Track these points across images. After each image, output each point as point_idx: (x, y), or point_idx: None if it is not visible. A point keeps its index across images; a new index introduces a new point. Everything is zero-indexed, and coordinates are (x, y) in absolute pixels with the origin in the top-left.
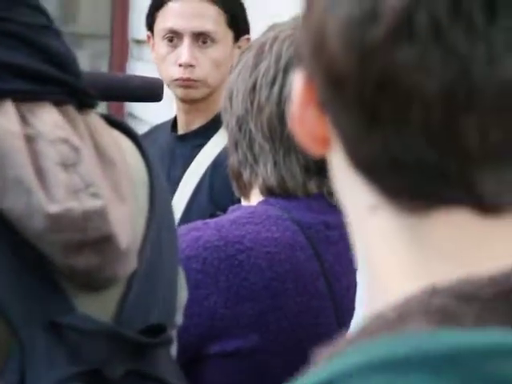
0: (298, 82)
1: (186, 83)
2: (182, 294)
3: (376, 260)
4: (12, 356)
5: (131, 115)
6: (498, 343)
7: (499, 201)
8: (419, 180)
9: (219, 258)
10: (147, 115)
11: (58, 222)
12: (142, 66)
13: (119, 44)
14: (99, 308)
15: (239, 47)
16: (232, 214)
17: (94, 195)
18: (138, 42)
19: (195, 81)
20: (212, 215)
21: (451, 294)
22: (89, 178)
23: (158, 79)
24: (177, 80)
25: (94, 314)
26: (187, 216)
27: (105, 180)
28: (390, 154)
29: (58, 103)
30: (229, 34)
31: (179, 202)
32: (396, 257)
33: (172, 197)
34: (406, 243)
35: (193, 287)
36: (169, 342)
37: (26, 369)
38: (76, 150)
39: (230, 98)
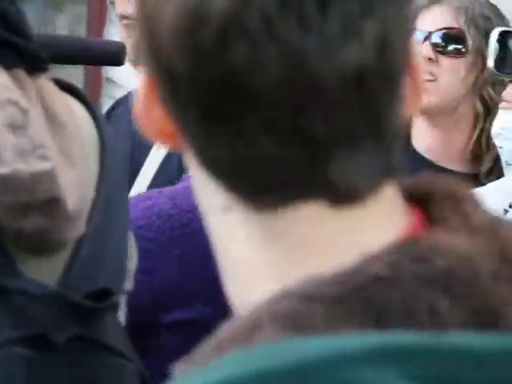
0: (142, 78)
1: None
2: (132, 260)
3: (234, 258)
4: None
5: (109, 80)
6: (343, 350)
7: (353, 186)
8: (268, 176)
9: (172, 227)
10: (125, 80)
11: (5, 183)
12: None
13: (97, 8)
14: (46, 272)
15: None
16: (186, 181)
17: (43, 158)
18: None
19: None
20: None
21: (298, 295)
22: (37, 140)
23: (120, 43)
24: None
25: (41, 278)
26: (156, 182)
27: (54, 143)
28: (234, 154)
29: (7, 66)
30: None
31: (150, 167)
32: (253, 256)
33: (143, 162)
34: (262, 241)
35: (144, 256)
36: (115, 306)
37: None
38: (24, 112)
39: None
